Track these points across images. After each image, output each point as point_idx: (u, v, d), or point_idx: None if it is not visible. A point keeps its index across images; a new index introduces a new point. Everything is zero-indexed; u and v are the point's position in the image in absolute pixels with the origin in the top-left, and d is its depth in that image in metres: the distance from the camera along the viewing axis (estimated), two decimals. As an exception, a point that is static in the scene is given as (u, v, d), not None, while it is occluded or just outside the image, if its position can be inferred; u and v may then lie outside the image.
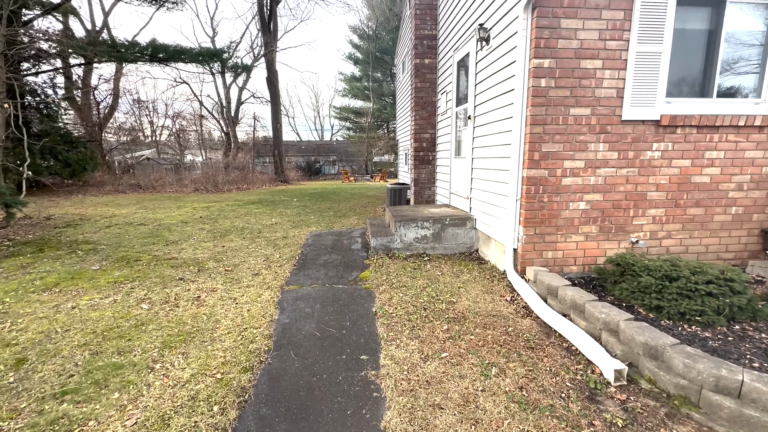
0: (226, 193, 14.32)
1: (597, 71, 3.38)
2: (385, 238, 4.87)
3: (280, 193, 13.95)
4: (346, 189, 16.36)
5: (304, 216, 8.12)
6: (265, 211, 9.01)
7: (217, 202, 10.72)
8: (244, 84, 33.01)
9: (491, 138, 4.27)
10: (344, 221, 7.37)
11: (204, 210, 9.07)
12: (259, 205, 10.18)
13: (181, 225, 7.03)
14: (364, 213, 8.50)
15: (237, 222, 7.38)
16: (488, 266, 4.32)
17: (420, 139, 6.98)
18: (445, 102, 6.19)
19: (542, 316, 3.00)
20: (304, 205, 10.22)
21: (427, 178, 7.12)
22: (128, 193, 14.34)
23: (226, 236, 6.04)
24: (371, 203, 10.51)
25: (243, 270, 4.24)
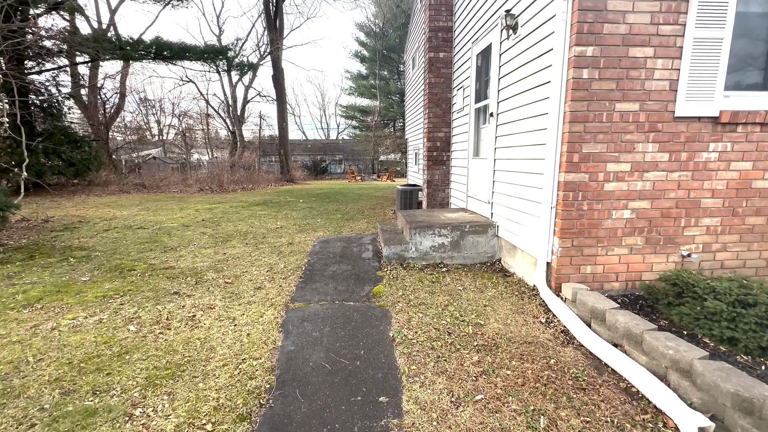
0: (231, 194, 14.02)
1: (647, 60, 2.94)
2: (399, 246, 4.47)
3: (286, 194, 13.62)
4: (352, 189, 16.00)
5: (311, 219, 7.75)
6: (270, 213, 8.66)
7: (221, 204, 10.40)
8: (251, 82, 32.78)
9: (519, 137, 3.84)
10: (353, 225, 6.98)
11: (207, 212, 8.75)
12: (264, 206, 9.84)
13: (182, 229, 6.70)
14: (373, 216, 8.10)
15: (240, 225, 7.03)
16: (514, 279, 3.90)
17: (433, 139, 6.56)
18: (462, 98, 5.77)
19: (588, 344, 2.58)
20: (311, 206, 9.86)
21: (441, 180, 6.70)
22: (132, 194, 14.11)
23: (228, 242, 5.69)
24: (380, 205, 10.12)
25: (244, 282, 3.87)
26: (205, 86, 54.32)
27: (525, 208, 3.72)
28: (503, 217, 4.31)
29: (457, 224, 4.51)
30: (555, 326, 2.91)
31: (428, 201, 6.76)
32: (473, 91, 5.29)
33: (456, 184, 6.30)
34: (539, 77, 3.36)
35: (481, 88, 5.13)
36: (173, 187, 15.90)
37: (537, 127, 3.43)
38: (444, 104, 6.46)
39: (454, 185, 6.46)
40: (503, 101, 4.23)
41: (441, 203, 6.78)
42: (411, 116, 10.82)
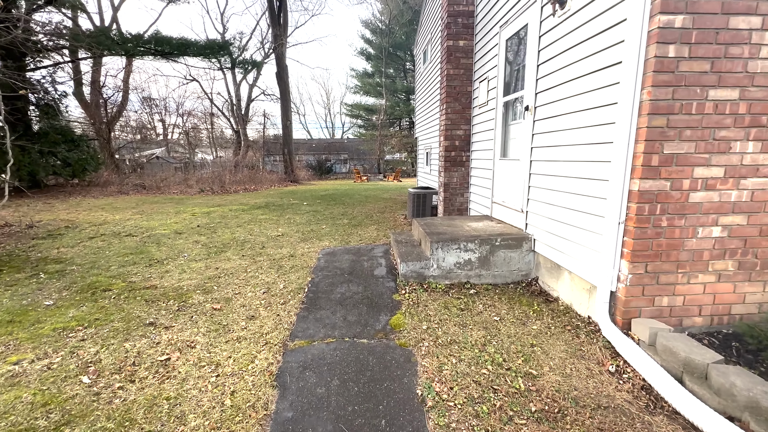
0: (233, 195, 13.45)
1: (753, 34, 2.26)
2: (418, 263, 3.82)
3: (289, 195, 13.01)
4: (359, 190, 15.37)
5: (315, 225, 7.11)
6: (272, 217, 8.04)
7: (221, 206, 9.81)
8: (255, 81, 32.35)
9: (569, 135, 3.17)
10: (361, 232, 6.33)
11: (204, 216, 8.15)
12: (266, 210, 9.23)
13: (174, 236, 6.10)
14: (383, 221, 7.45)
15: (238, 233, 6.41)
16: (560, 307, 3.23)
17: (452, 137, 5.89)
18: (486, 91, 5.09)
19: (690, 415, 1.91)
20: (315, 210, 9.23)
21: (459, 183, 6.03)
22: (131, 195, 13.59)
23: (222, 253, 5.07)
24: (389, 208, 9.46)
25: (235, 308, 3.24)
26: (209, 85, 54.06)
27: (577, 221, 3.05)
28: (542, 229, 3.63)
29: (486, 237, 3.84)
30: (631, 379, 2.24)
31: (445, 206, 6.10)
32: (500, 82, 4.62)
33: (477, 188, 5.63)
34: (603, 58, 2.68)
35: (512, 79, 4.45)
36: (174, 188, 15.38)
37: (599, 122, 2.75)
38: (464, 98, 5.79)
39: (474, 189, 5.79)
40: (544, 92, 3.55)
41: (459, 209, 6.11)
42: (422, 113, 10.16)
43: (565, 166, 3.22)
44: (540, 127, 3.65)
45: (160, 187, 15.76)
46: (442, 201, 6.15)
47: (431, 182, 9.16)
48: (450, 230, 4.22)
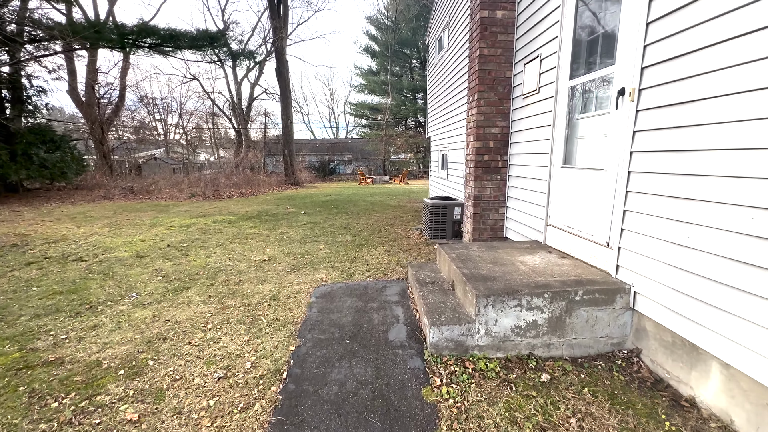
0: (225, 201, 12.23)
1: None
2: (456, 327, 2.51)
3: (287, 201, 11.76)
4: (363, 194, 14.09)
5: (311, 244, 5.84)
6: (261, 232, 6.78)
7: (206, 216, 8.57)
8: (257, 80, 31.32)
9: (724, 132, 1.85)
10: (368, 257, 5.05)
11: (181, 231, 6.91)
12: (257, 221, 7.97)
13: (132, 262, 4.85)
14: (394, 239, 6.16)
15: (215, 256, 5.15)
16: (702, 416, 1.92)
17: (484, 136, 4.59)
18: (536, 75, 3.79)
19: None
20: (313, 221, 7.96)
21: (493, 195, 4.72)
22: (116, 200, 12.43)
23: (184, 291, 3.81)
24: (398, 219, 8.17)
25: (164, 418, 1.97)
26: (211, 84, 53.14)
27: (743, 278, 1.74)
28: (656, 280, 2.32)
29: (560, 288, 2.53)
30: None
31: (474, 224, 4.79)
32: (563, 59, 3.31)
33: (520, 204, 4.32)
34: None
35: (584, 54, 3.14)
36: (164, 192, 14.21)
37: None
38: (501, 87, 4.48)
39: (516, 204, 4.48)
40: (659, 65, 2.24)
41: (493, 228, 4.80)
42: (437, 110, 8.85)
43: (715, 187, 1.90)
44: (649, 120, 2.34)
45: (150, 192, 14.61)
46: (471, 218, 4.84)
47: (449, 190, 7.85)
48: (498, 271, 2.92)
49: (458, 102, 6.77)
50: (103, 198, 12.85)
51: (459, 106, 6.76)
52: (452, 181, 7.70)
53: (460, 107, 6.68)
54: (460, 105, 6.67)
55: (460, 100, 6.64)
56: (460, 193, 6.99)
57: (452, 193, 7.70)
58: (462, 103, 6.51)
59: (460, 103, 6.61)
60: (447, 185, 8.13)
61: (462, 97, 6.52)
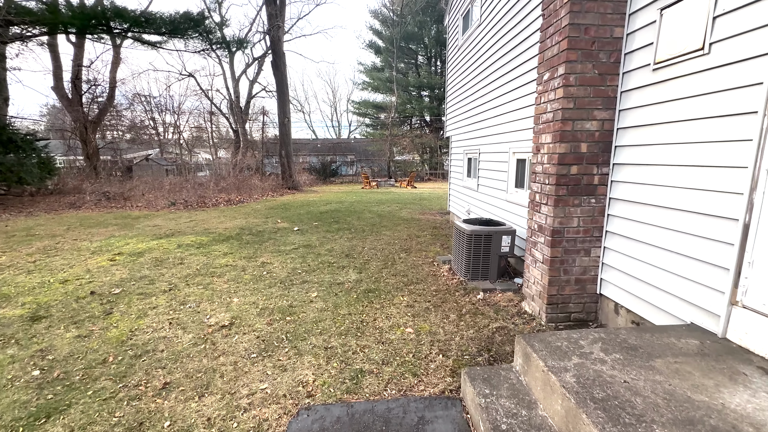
0: (209, 211, 10.51)
1: None
2: None
3: (280, 211, 10.03)
4: (368, 202, 12.33)
5: (299, 289, 4.10)
6: (236, 263, 5.05)
7: (173, 236, 6.85)
8: (255, 77, 29.73)
9: None
10: (382, 320, 3.30)
11: (128, 263, 5.19)
12: (235, 244, 6.24)
13: (14, 332, 3.14)
14: (417, 280, 4.40)
15: (151, 316, 3.43)
16: None
17: (572, 136, 2.84)
18: (704, 19, 2.04)
19: None
20: (308, 242, 6.22)
21: (583, 230, 2.97)
22: (83, 209, 10.75)
23: (47, 421, 2.09)
24: (415, 240, 6.40)
25: None
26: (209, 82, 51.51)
27: None
28: None
29: None
30: None
31: (552, 274, 3.03)
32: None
33: (647, 251, 2.56)
34: None
35: None
36: (140, 200, 12.52)
37: None
38: (605, 54, 2.73)
39: (628, 248, 2.72)
40: None
41: (579, 279, 3.05)
42: (461, 102, 7.09)
43: None
44: None
45: (127, 198, 12.94)
46: (545, 263, 3.09)
47: (478, 203, 6.08)
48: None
49: (500, 89, 5.02)
50: (70, 206, 11.17)
51: (501, 95, 5.01)
52: (485, 193, 5.94)
53: (503, 96, 4.93)
54: (503, 93, 4.92)
55: (504, 86, 4.89)
56: (496, 209, 5.23)
57: (484, 208, 5.95)
58: (508, 90, 4.75)
59: (505, 90, 4.86)
60: (477, 198, 6.37)
61: (507, 82, 4.77)
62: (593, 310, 3.12)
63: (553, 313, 3.09)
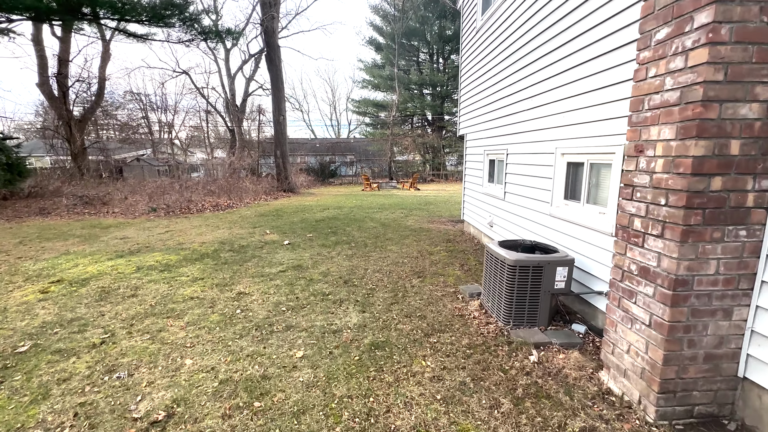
0: (191, 218, 9.38)
1: None
2: None
3: (271, 219, 8.90)
4: (369, 207, 11.21)
5: (279, 340, 2.98)
6: (203, 295, 3.92)
7: (137, 254, 5.71)
8: (252, 74, 28.65)
9: None
10: (399, 408, 2.19)
11: (65, 293, 4.06)
12: (209, 264, 5.11)
13: None
14: (440, 326, 3.27)
15: (62, 389, 2.32)
16: None
17: (716, 128, 1.72)
18: None
19: None
20: (298, 263, 5.10)
21: (723, 279, 1.86)
22: (51, 217, 9.62)
23: None
24: (428, 258, 5.27)
25: None
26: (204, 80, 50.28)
27: None
28: None
29: None
30: None
31: (669, 345, 1.91)
32: None
33: None
34: None
35: None
36: (120, 205, 11.39)
37: None
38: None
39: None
40: None
41: (710, 356, 1.93)
42: (481, 95, 5.96)
43: None
44: None
45: (106, 202, 11.81)
46: (660, 328, 1.96)
47: (504, 213, 4.94)
48: None
49: (544, 72, 3.90)
50: (39, 213, 10.05)
51: (544, 79, 3.89)
52: (516, 204, 4.82)
53: (548, 80, 3.81)
54: (549, 76, 3.80)
55: (551, 66, 3.77)
56: (534, 226, 4.11)
57: (515, 222, 4.83)
58: (559, 71, 3.63)
59: (553, 72, 3.74)
60: (502, 209, 5.25)
61: (557, 60, 3.65)
62: (729, 400, 2.01)
63: (669, 405, 1.98)
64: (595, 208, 3.27)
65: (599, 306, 3.16)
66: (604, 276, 3.05)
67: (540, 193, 4.17)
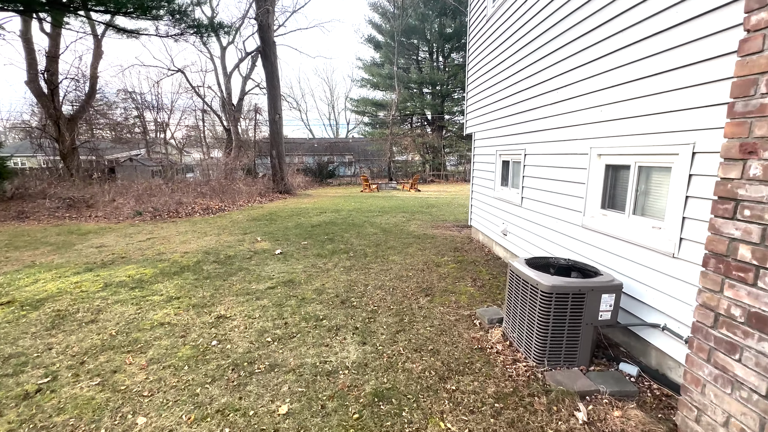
0: (178, 223, 8.77)
1: None
2: None
3: (263, 224, 8.31)
4: (369, 210, 10.62)
5: (261, 379, 2.39)
6: (177, 319, 3.33)
7: (109, 266, 5.11)
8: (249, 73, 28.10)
9: None
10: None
11: (12, 319, 3.46)
12: (189, 278, 4.51)
13: None
14: (458, 365, 2.67)
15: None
16: None
17: None
18: None
19: None
20: (290, 276, 4.50)
21: None
22: (28, 222, 9.01)
23: None
24: (436, 272, 4.69)
25: None
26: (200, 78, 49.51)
27: None
28: None
29: None
30: None
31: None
32: None
33: None
34: None
35: None
36: (105, 208, 10.78)
37: None
38: None
39: None
40: None
41: None
42: (488, 88, 5.37)
43: None
44: None
45: (91, 205, 11.18)
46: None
47: (521, 221, 4.34)
48: None
49: (578, 57, 3.32)
50: (16, 217, 9.43)
51: (578, 66, 3.31)
52: (536, 211, 4.24)
53: (584, 67, 3.23)
54: (586, 62, 3.22)
55: (588, 50, 3.18)
56: (561, 238, 3.52)
57: (535, 231, 4.25)
58: (599, 55, 3.06)
59: (591, 57, 3.16)
60: (519, 216, 4.66)
61: (598, 42, 3.07)
62: None
63: None
64: (646, 221, 2.69)
65: (652, 341, 2.58)
66: (660, 305, 2.47)
67: (568, 200, 3.59)
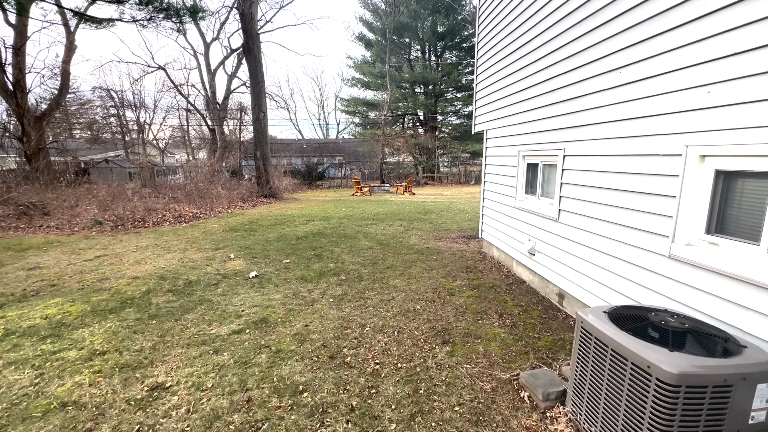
0: (144, 233, 7.59)
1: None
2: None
3: (240, 236, 7.19)
4: (362, 217, 9.57)
5: None
6: (90, 396, 2.25)
7: (30, 299, 3.95)
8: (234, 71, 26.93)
9: None
10: None
11: None
12: (131, 317, 3.40)
13: None
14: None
15: None
16: None
17: None
18: None
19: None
20: (264, 312, 3.44)
21: None
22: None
23: None
24: (447, 296, 3.68)
25: None
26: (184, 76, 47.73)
27: None
28: None
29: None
30: None
31: None
32: None
33: None
34: None
35: None
36: (63, 215, 9.50)
37: None
38: None
39: None
40: None
41: None
42: (506, 76, 4.38)
43: None
44: None
45: (47, 212, 9.89)
46: None
47: (564, 246, 3.32)
48: None
49: (658, 21, 2.34)
50: (-46, 227, 8.13)
51: (656, 34, 2.33)
52: (578, 227, 3.24)
53: (666, 33, 2.25)
54: (670, 28, 2.24)
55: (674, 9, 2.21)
56: (622, 266, 2.52)
57: (576, 253, 3.26)
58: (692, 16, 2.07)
59: (679, 21, 2.18)
60: (554, 233, 3.66)
61: None
62: None
63: None
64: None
65: (826, 452, 1.60)
66: None
67: (642, 218, 2.62)
